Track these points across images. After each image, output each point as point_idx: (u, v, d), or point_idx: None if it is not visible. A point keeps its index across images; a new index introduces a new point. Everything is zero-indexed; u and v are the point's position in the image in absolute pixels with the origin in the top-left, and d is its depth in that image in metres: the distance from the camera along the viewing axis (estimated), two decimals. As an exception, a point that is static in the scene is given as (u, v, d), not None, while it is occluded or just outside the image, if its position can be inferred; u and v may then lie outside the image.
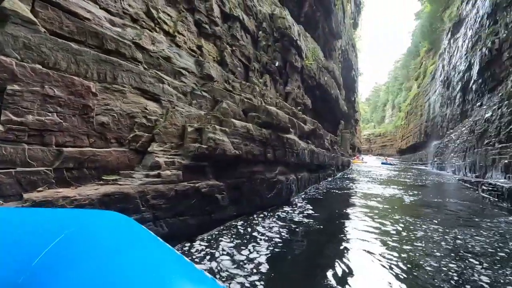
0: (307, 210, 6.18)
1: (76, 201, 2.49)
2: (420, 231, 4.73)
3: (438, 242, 4.19)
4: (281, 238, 4.09)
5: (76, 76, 2.76)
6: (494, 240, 4.42)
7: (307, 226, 4.88)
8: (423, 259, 3.43)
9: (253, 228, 4.48)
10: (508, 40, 16.49)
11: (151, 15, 4.01)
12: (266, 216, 5.46)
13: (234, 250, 3.51)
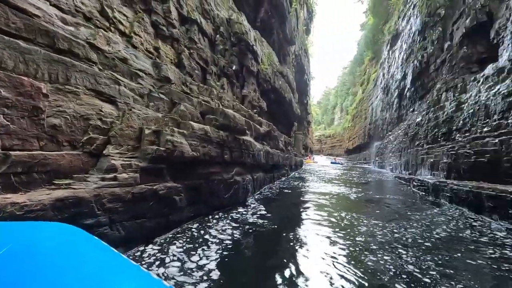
0: (262, 211, 6.39)
1: (27, 207, 2.39)
2: (363, 227, 5.21)
3: (377, 236, 4.61)
4: (234, 241, 4.14)
5: (25, 76, 2.63)
6: (422, 230, 5.12)
7: (261, 227, 5.01)
8: (363, 255, 3.74)
9: (206, 231, 4.51)
10: (434, 55, 18.94)
11: (105, 14, 3.90)
12: (221, 217, 5.52)
13: (185, 255, 3.49)
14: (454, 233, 5.19)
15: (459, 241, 4.69)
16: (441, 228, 5.39)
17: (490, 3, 13.78)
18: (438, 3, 18.47)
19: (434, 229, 5.32)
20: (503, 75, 11.10)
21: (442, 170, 13.43)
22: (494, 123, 10.64)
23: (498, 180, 8.62)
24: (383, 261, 3.51)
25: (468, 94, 13.83)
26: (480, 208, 7.80)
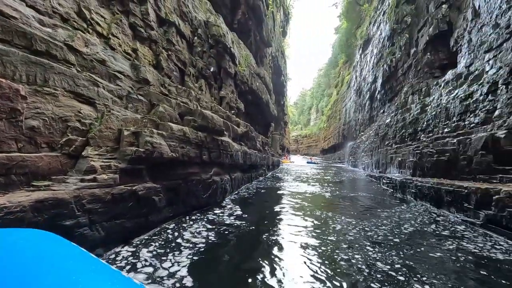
0: (239, 211, 6.49)
1: (6, 208, 2.40)
2: (337, 225, 5.41)
3: (350, 235, 4.78)
4: (209, 243, 4.12)
5: (3, 78, 2.62)
6: (391, 227, 5.48)
7: (237, 228, 5.05)
8: (337, 254, 3.82)
9: (180, 233, 4.51)
10: (402, 60, 20.08)
11: (83, 15, 3.90)
12: (198, 218, 5.57)
13: (156, 260, 3.41)
14: (420, 228, 5.68)
15: (423, 236, 5.15)
16: (408, 224, 5.84)
17: (450, 13, 14.85)
18: (405, 11, 19.58)
19: (402, 225, 5.71)
20: (460, 81, 12.04)
21: (409, 168, 14.29)
22: (453, 124, 11.55)
23: (456, 177, 9.38)
24: (355, 260, 3.62)
25: (431, 98, 14.84)
26: (440, 203, 8.50)
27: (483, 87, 10.02)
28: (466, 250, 4.33)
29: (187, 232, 4.61)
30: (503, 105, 8.68)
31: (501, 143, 7.98)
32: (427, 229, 5.65)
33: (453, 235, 5.28)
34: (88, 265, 1.19)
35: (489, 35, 11.09)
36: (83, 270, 1.12)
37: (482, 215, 6.34)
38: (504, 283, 3.15)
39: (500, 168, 7.79)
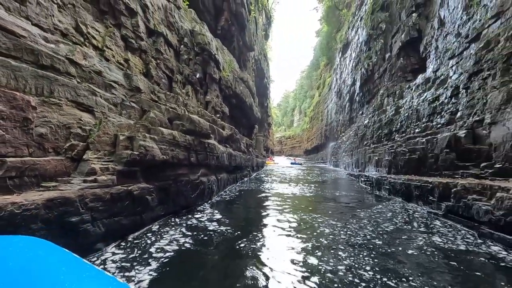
0: (225, 211, 6.78)
1: (24, 206, 2.75)
2: (320, 226, 5.42)
3: (333, 237, 4.74)
4: (194, 242, 4.30)
5: (17, 91, 2.96)
6: (371, 226, 5.65)
7: (223, 226, 5.24)
8: (320, 259, 3.74)
9: (168, 233, 4.74)
10: (378, 64, 21.16)
11: (80, 30, 4.23)
12: (187, 217, 5.90)
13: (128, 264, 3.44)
14: (391, 219, 6.32)
15: (395, 226, 5.78)
16: (386, 221, 6.08)
17: (420, 21, 15.91)
18: (380, 18, 20.66)
19: (380, 224, 5.90)
20: (429, 84, 13.01)
21: (385, 166, 15.18)
22: (423, 125, 12.49)
23: (425, 174, 10.24)
24: (341, 264, 3.56)
25: (404, 100, 15.83)
26: (410, 197, 9.29)
27: (447, 91, 10.95)
28: (428, 234, 5.00)
29: (172, 231, 4.87)
30: (464, 108, 9.59)
31: (462, 142, 8.86)
32: (397, 220, 6.32)
33: (429, 231, 5.80)
34: (81, 271, 1.23)
35: (452, 43, 12.09)
36: (75, 276, 1.16)
37: (443, 206, 7.10)
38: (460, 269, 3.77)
39: (461, 165, 8.65)
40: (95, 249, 3.74)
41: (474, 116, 8.85)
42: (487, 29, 9.21)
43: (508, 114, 7.25)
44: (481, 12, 10.26)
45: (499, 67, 8.04)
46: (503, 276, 3.44)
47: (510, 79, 7.61)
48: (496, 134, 7.51)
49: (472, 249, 4.55)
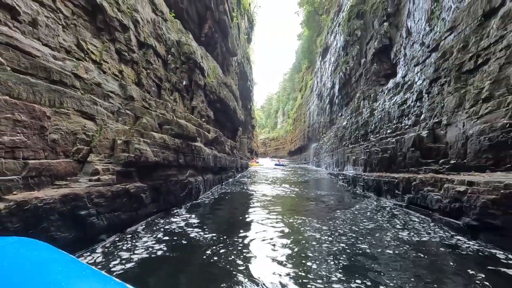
0: (210, 211, 7.18)
1: (44, 200, 3.28)
2: (304, 227, 5.43)
3: (316, 243, 4.58)
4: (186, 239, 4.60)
5: (34, 103, 3.49)
6: (350, 221, 6.04)
7: (208, 228, 5.36)
8: (304, 267, 3.61)
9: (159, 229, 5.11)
10: (354, 68, 22.36)
11: (81, 46, 4.76)
12: (175, 214, 6.41)
13: None
14: (364, 210, 7.16)
15: (367, 216, 6.59)
16: (357, 209, 6.90)
17: (391, 30, 17.12)
18: (356, 25, 21.89)
19: (359, 222, 6.03)
20: (398, 89, 14.13)
21: (361, 165, 16.22)
22: (394, 126, 13.58)
23: (396, 171, 11.26)
24: (324, 269, 3.53)
25: (378, 103, 16.97)
26: (380, 192, 10.26)
27: (413, 95, 12.06)
28: (390, 217, 5.84)
29: (168, 225, 5.41)
30: (426, 110, 10.68)
31: (424, 141, 9.92)
32: (369, 211, 7.17)
33: (385, 212, 6.72)
34: (78, 271, 1.25)
35: (417, 51, 13.27)
36: (72, 276, 1.18)
37: (406, 198, 8.04)
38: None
39: (424, 161, 9.69)
40: (99, 240, 4.28)
41: (434, 118, 9.92)
42: (444, 41, 10.35)
43: (460, 117, 8.30)
44: (440, 24, 11.46)
45: (453, 75, 9.13)
46: (447, 250, 4.32)
47: (461, 86, 8.71)
48: (451, 134, 8.56)
49: (429, 233, 5.43)
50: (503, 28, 7.21)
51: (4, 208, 2.81)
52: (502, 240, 4.56)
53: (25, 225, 3.05)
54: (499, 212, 4.57)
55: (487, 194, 4.87)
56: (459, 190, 5.60)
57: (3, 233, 2.85)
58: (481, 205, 4.94)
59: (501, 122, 6.54)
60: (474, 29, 8.48)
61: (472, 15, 8.69)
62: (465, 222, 5.34)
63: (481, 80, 7.75)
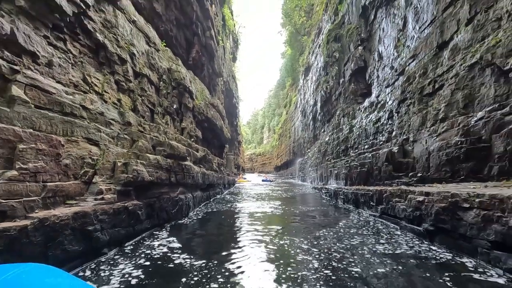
0: (199, 227, 7.54)
1: (60, 217, 3.82)
2: (292, 248, 5.30)
3: (306, 261, 4.58)
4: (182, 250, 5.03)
5: (52, 134, 4.09)
6: (335, 236, 6.20)
7: (198, 246, 5.63)
8: None
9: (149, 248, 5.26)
10: (334, 87, 23.72)
11: (86, 81, 5.41)
12: (164, 232, 6.71)
13: None
14: (344, 220, 7.85)
15: (346, 224, 7.30)
16: (346, 233, 6.57)
17: (365, 54, 18.53)
18: (334, 48, 23.42)
19: (344, 238, 6.10)
20: (373, 108, 15.30)
21: (343, 179, 17.11)
22: (370, 142, 14.62)
23: (372, 184, 12.17)
24: None
25: (356, 120, 18.11)
26: (358, 204, 11.07)
27: (385, 114, 13.18)
28: (368, 229, 6.59)
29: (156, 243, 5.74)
30: (396, 128, 11.77)
31: (395, 156, 10.91)
32: (350, 226, 7.87)
33: (361, 220, 7.49)
34: None
35: (388, 74, 14.54)
36: None
37: (379, 209, 8.86)
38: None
39: (396, 175, 10.65)
40: (102, 253, 4.79)
41: (403, 135, 10.99)
42: (408, 66, 11.62)
43: (423, 134, 9.35)
44: (405, 51, 12.78)
45: (416, 97, 10.28)
46: (411, 251, 5.09)
47: (423, 107, 9.84)
48: (417, 150, 9.58)
49: (396, 239, 6.20)
50: (453, 59, 8.41)
51: (30, 224, 3.35)
52: (451, 242, 5.40)
53: (45, 239, 3.58)
54: (448, 217, 5.42)
55: (439, 203, 5.73)
56: (419, 200, 6.45)
57: (29, 246, 3.37)
58: (435, 212, 5.78)
59: (454, 140, 7.55)
60: (431, 58, 9.71)
61: (429, 46, 9.96)
62: (425, 228, 6.16)
63: (438, 102, 8.87)
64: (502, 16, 6.66)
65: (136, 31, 7.39)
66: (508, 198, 4.18)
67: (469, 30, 7.82)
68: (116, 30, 6.37)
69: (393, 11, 14.22)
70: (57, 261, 3.79)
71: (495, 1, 7.06)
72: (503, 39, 6.44)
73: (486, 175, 6.63)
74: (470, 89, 7.49)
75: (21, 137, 3.56)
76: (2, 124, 3.37)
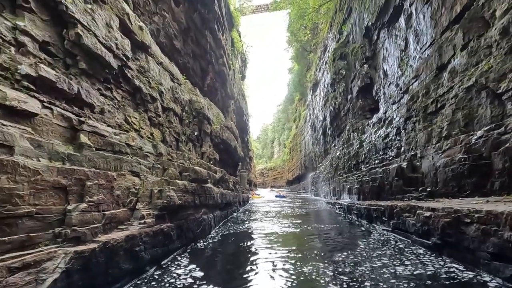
0: (220, 245, 8.22)
1: (116, 240, 4.61)
2: (314, 275, 5.15)
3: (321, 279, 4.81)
4: None
5: (107, 170, 4.96)
6: (356, 261, 6.02)
7: (220, 267, 6.09)
8: None
9: None
10: (342, 103, 24.40)
11: (127, 121, 6.34)
12: (193, 250, 7.46)
13: None
14: (376, 258, 8.31)
15: (361, 239, 7.79)
16: (366, 254, 6.46)
17: (370, 71, 19.24)
18: (340, 65, 24.26)
19: (365, 260, 5.93)
20: (381, 123, 15.86)
21: (355, 193, 17.47)
22: (380, 157, 15.11)
23: (384, 198, 12.59)
24: None
25: (365, 135, 18.63)
26: (371, 219, 11.51)
27: (393, 130, 13.73)
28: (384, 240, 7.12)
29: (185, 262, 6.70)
30: (404, 144, 12.31)
31: (405, 171, 11.41)
32: (370, 245, 8.39)
33: (379, 239, 7.92)
34: None
35: (394, 91, 15.13)
36: None
37: (391, 224, 9.33)
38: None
39: (407, 189, 11.11)
40: (145, 270, 5.53)
41: (411, 151, 11.51)
42: (412, 86, 12.25)
43: (429, 151, 9.89)
44: (408, 70, 13.43)
45: (421, 115, 10.87)
46: (423, 262, 5.62)
47: (428, 124, 10.42)
48: (425, 165, 10.09)
49: (408, 250, 6.72)
50: (452, 81, 9.06)
51: (97, 247, 4.14)
52: (457, 254, 5.89)
53: (107, 259, 4.35)
54: (452, 231, 5.95)
55: (444, 218, 6.27)
56: (426, 215, 6.98)
57: (96, 265, 4.14)
58: (441, 226, 6.31)
59: (458, 156, 8.09)
60: (432, 79, 10.37)
61: (430, 67, 10.65)
62: (433, 242, 6.66)
63: (441, 121, 9.45)
64: (492, 44, 7.33)
65: (163, 71, 8.41)
66: (501, 213, 4.75)
67: (464, 55, 8.49)
68: (148, 73, 7.38)
69: (394, 32, 14.92)
70: (114, 278, 4.56)
71: (485, 30, 7.76)
72: (494, 65, 7.10)
73: (489, 190, 7.12)
74: (469, 109, 8.08)
75: (88, 175, 4.42)
76: (75, 167, 4.24)
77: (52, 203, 3.77)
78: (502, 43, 6.99)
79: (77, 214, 4.06)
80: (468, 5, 8.60)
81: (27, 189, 3.33)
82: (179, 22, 11.53)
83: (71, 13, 4.60)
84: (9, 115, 3.41)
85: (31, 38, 3.97)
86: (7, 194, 3.08)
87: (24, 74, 3.69)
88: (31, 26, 4.00)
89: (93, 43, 5.06)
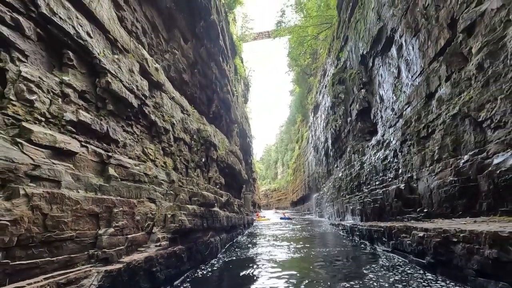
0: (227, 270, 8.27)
1: (137, 261, 5.19)
2: None
3: None
4: None
5: (130, 198, 5.64)
6: None
7: None
8: None
9: None
10: (342, 126, 25.17)
11: (144, 152, 7.11)
12: (202, 272, 7.95)
13: None
14: (359, 257, 8.71)
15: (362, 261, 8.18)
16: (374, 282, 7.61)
17: (368, 95, 20.11)
18: (339, 90, 25.30)
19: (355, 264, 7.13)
20: (380, 146, 16.48)
21: (358, 215, 17.78)
22: (380, 178, 15.61)
23: (385, 219, 12.97)
24: None
25: (365, 157, 19.18)
26: (373, 240, 11.88)
27: (391, 152, 14.33)
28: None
29: None
30: (402, 166, 12.88)
31: (403, 192, 11.92)
32: (370, 265, 8.76)
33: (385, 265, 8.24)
34: None
35: (390, 115, 15.87)
36: None
37: (391, 244, 9.74)
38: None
39: (406, 210, 11.57)
40: (160, 290, 6.03)
41: (408, 173, 12.06)
42: (405, 111, 13.01)
43: (424, 173, 10.46)
44: (402, 96, 14.24)
45: (415, 139, 11.54)
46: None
47: (421, 148, 11.06)
48: (421, 187, 10.62)
49: (406, 270, 7.16)
50: (439, 108, 9.81)
51: (122, 267, 4.72)
52: (448, 272, 6.35)
53: (129, 278, 4.92)
54: (443, 250, 6.44)
55: (435, 238, 6.77)
56: (420, 235, 7.48)
57: (120, 284, 4.70)
58: (433, 246, 6.80)
59: (449, 179, 8.66)
60: (422, 106, 11.14)
61: (420, 95, 11.45)
62: (427, 261, 7.12)
63: (433, 145, 10.10)
64: (471, 77, 8.14)
65: (174, 104, 9.30)
66: (481, 233, 5.30)
67: (448, 86, 9.30)
68: (162, 108, 8.24)
69: (388, 60, 15.90)
70: (135, 296, 5.09)
71: (465, 64, 8.61)
72: (474, 96, 7.87)
73: (478, 211, 7.64)
74: (456, 135, 8.76)
75: (115, 203, 5.09)
76: (105, 196, 4.94)
77: (87, 228, 4.43)
78: (479, 76, 7.79)
79: (106, 238, 4.69)
80: (450, 40, 9.52)
81: (70, 216, 4.01)
82: (187, 57, 12.63)
83: (103, 64, 5.49)
84: (57, 155, 4.16)
85: (73, 89, 4.81)
86: (56, 221, 3.76)
87: (68, 120, 4.48)
88: (73, 79, 4.85)
89: (119, 87, 5.92)
